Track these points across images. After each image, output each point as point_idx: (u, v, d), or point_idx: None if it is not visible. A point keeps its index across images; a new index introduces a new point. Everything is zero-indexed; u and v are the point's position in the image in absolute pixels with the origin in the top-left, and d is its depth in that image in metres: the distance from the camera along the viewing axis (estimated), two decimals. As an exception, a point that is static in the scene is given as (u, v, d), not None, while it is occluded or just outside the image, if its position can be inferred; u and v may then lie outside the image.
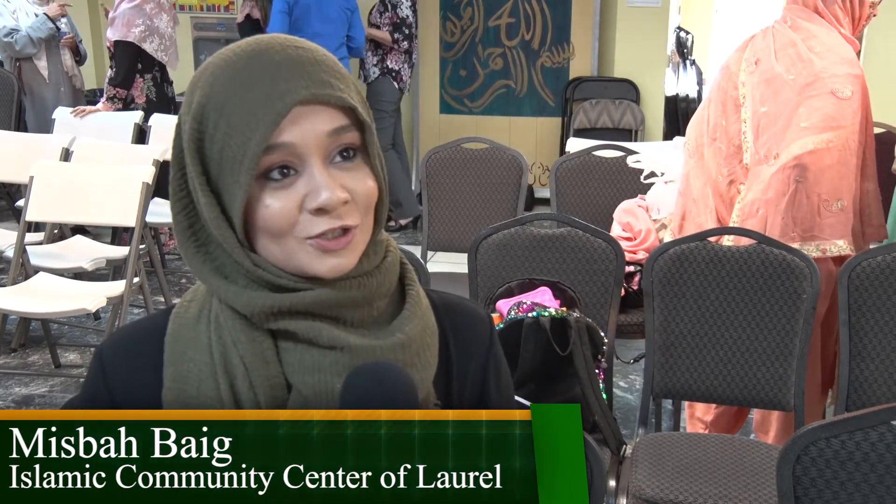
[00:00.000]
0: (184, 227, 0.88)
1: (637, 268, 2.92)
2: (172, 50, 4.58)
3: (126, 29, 4.38)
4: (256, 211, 0.83)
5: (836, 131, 2.25)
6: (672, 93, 6.24)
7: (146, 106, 4.51)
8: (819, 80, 2.27)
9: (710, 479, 1.98)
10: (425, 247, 3.54)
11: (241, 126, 0.81)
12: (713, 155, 2.49)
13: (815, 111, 2.26)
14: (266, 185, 0.83)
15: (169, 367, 0.88)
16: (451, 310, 1.00)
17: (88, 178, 3.37)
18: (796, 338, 2.17)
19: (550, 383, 2.15)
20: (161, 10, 4.48)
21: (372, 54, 5.31)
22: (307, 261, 0.85)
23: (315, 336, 0.85)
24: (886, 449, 1.35)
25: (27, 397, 3.29)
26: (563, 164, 3.47)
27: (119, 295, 3.14)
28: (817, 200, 2.27)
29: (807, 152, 2.25)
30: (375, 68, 5.33)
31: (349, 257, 0.86)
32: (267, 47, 0.84)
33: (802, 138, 2.26)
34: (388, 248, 0.93)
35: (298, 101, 0.81)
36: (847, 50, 2.32)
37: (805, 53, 2.31)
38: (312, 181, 0.83)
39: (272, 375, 0.85)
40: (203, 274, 0.87)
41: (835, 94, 2.26)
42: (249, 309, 0.85)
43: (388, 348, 0.86)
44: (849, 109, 2.26)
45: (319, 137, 0.83)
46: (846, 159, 2.27)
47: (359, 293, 0.87)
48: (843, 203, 2.28)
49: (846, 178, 2.28)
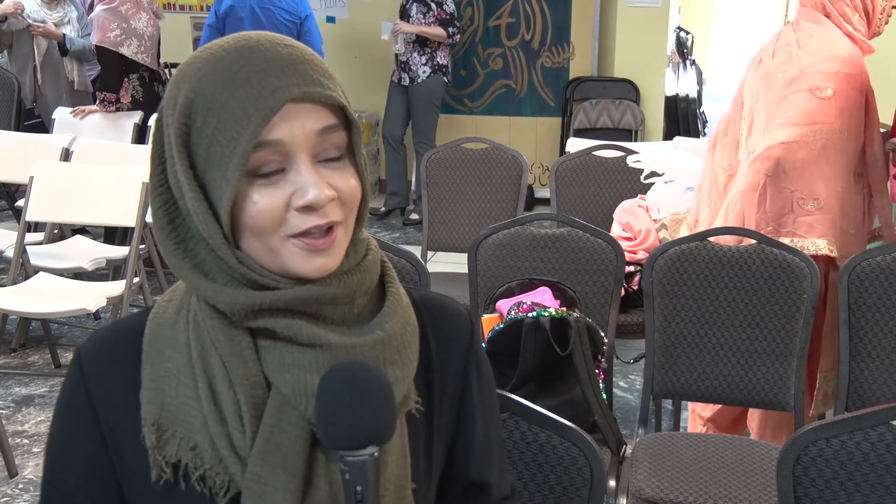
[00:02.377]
0: (164, 223, 0.87)
1: (637, 268, 2.92)
2: (155, 50, 4.50)
3: (102, 34, 4.31)
4: (243, 207, 0.83)
5: (812, 127, 2.23)
6: (672, 93, 6.24)
7: (131, 106, 4.47)
8: (802, 76, 2.27)
9: (710, 479, 1.98)
10: (425, 247, 3.54)
11: (231, 122, 0.81)
12: (721, 149, 2.52)
13: (793, 106, 2.25)
14: (253, 181, 0.83)
15: (147, 367, 0.88)
16: (432, 307, 1.00)
17: (88, 178, 3.37)
18: (796, 338, 2.17)
19: (550, 383, 2.15)
20: (139, 10, 4.38)
21: (419, 54, 5.38)
22: (292, 260, 0.85)
23: (295, 334, 0.85)
24: (886, 449, 1.35)
25: (27, 397, 3.30)
26: (563, 164, 3.47)
27: (119, 295, 3.14)
28: (790, 196, 2.25)
29: (778, 143, 2.24)
30: (425, 67, 5.42)
31: (333, 257, 0.86)
32: (256, 44, 0.84)
33: (776, 131, 2.26)
34: (369, 247, 0.93)
35: (290, 99, 0.81)
36: (841, 48, 2.29)
37: (796, 51, 2.31)
38: (300, 179, 0.83)
39: (251, 374, 0.85)
40: (182, 271, 0.87)
41: (813, 92, 2.24)
42: (230, 307, 0.85)
43: (368, 345, 0.86)
44: (829, 108, 2.23)
45: (308, 136, 0.83)
46: (827, 159, 2.24)
47: (339, 290, 0.87)
48: (819, 202, 2.26)
49: (826, 178, 2.25)
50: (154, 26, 4.49)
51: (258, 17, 4.57)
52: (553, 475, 1.32)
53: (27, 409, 3.20)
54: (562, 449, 1.31)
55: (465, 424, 1.01)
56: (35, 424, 3.09)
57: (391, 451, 0.87)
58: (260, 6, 4.59)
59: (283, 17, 4.66)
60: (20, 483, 2.72)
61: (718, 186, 2.50)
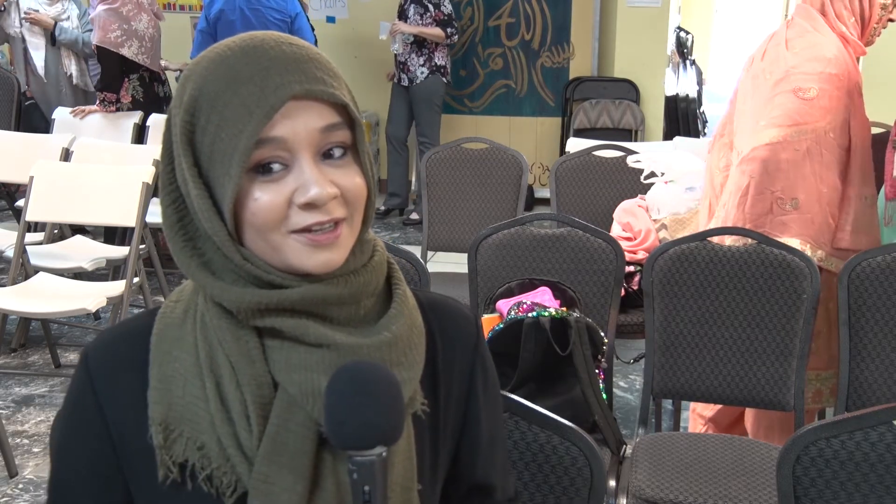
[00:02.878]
0: (173, 220, 0.88)
1: (637, 268, 2.92)
2: (155, 51, 4.50)
3: (103, 34, 4.31)
4: (246, 204, 0.83)
5: (796, 128, 2.23)
6: (672, 93, 6.24)
7: (131, 106, 4.47)
8: (786, 77, 2.27)
9: (710, 479, 1.98)
10: (425, 247, 3.54)
11: (233, 119, 0.81)
12: (718, 149, 2.53)
13: (777, 107, 2.26)
14: (256, 178, 0.83)
15: (154, 367, 0.88)
16: (438, 309, 1.00)
17: (88, 178, 3.37)
18: (796, 338, 2.17)
19: (550, 383, 2.15)
20: (140, 11, 4.38)
21: (417, 55, 5.39)
22: (296, 256, 0.85)
23: (302, 334, 0.85)
24: (886, 449, 1.35)
25: (27, 397, 3.30)
26: (563, 164, 3.47)
27: (119, 295, 3.14)
28: (771, 197, 2.26)
29: (762, 145, 2.25)
30: (423, 68, 5.43)
31: (338, 252, 0.86)
32: (261, 43, 0.84)
33: (762, 132, 2.27)
34: (376, 248, 0.93)
35: (292, 96, 0.81)
36: (827, 49, 2.28)
37: (783, 52, 2.31)
38: (302, 176, 0.83)
39: (258, 374, 0.85)
40: (190, 269, 0.87)
41: (797, 93, 2.24)
42: (237, 305, 0.85)
43: (375, 346, 0.86)
44: (813, 109, 2.23)
45: (311, 133, 0.83)
46: (809, 159, 2.23)
47: (346, 290, 0.87)
48: (797, 202, 2.25)
49: (806, 178, 2.24)
50: (155, 27, 4.48)
51: (248, 19, 4.56)
52: (553, 475, 1.32)
53: (27, 409, 3.20)
54: (562, 449, 1.31)
55: (471, 426, 1.01)
56: (35, 424, 3.09)
57: (397, 452, 0.87)
58: (249, 7, 4.57)
59: (274, 16, 4.65)
60: (20, 483, 2.72)
61: (716, 187, 2.51)
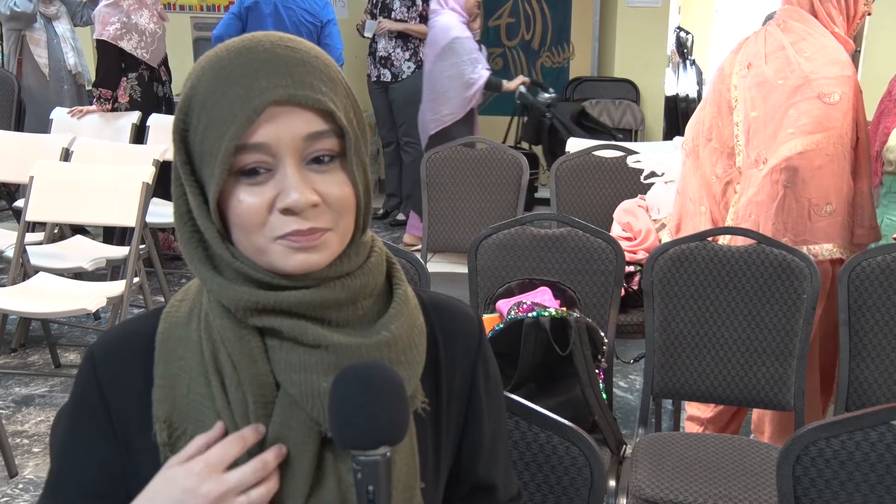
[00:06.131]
0: (182, 211, 0.88)
1: (637, 268, 2.92)
2: (156, 46, 4.44)
3: (102, 27, 4.29)
4: (231, 205, 0.84)
5: (825, 133, 2.23)
6: (672, 93, 6.24)
7: (129, 106, 4.41)
8: (808, 83, 2.26)
9: (709, 479, 1.98)
10: (425, 247, 3.54)
11: (219, 120, 0.82)
12: (708, 155, 2.50)
13: (804, 114, 2.25)
14: (241, 180, 0.83)
15: (159, 365, 0.89)
16: (440, 309, 1.00)
17: (88, 178, 3.37)
18: (796, 338, 2.17)
19: (550, 383, 2.14)
20: (142, 6, 4.36)
21: (402, 50, 5.32)
22: (276, 258, 0.85)
23: (300, 334, 0.85)
24: (886, 449, 1.35)
25: (27, 397, 3.30)
26: (563, 164, 3.47)
27: (119, 295, 3.14)
28: (807, 205, 2.26)
29: (796, 154, 2.24)
30: (409, 63, 5.33)
31: (319, 254, 0.85)
32: (256, 44, 0.84)
33: (791, 141, 2.25)
34: (373, 249, 0.93)
35: (274, 101, 0.81)
36: (838, 51, 2.30)
37: (794, 57, 2.30)
38: (284, 181, 0.83)
39: (260, 374, 0.85)
40: (194, 261, 0.88)
41: (822, 99, 2.24)
42: (234, 303, 0.85)
43: (374, 346, 0.86)
44: (838, 113, 2.24)
45: (295, 139, 0.82)
46: (836, 162, 2.25)
47: (342, 294, 0.87)
48: (832, 206, 2.27)
49: (835, 180, 2.26)
50: (157, 24, 4.45)
51: (281, 16, 4.60)
52: (553, 475, 1.32)
53: (27, 409, 3.20)
54: (562, 449, 1.31)
55: (473, 425, 1.01)
56: (35, 424, 3.09)
57: (400, 451, 0.87)
58: (284, 5, 4.62)
59: (306, 17, 4.68)
60: (20, 483, 2.72)
61: (715, 195, 2.49)
